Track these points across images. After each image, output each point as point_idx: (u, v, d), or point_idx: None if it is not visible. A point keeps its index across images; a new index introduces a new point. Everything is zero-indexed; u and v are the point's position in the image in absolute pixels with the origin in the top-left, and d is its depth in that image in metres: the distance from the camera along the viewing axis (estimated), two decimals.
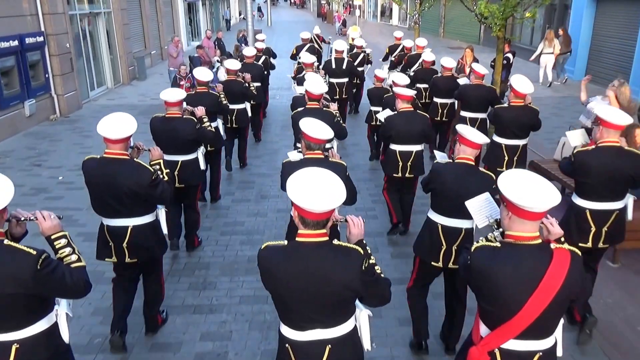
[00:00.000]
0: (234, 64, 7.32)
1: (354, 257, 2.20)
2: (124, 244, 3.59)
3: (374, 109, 7.39)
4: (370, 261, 2.30)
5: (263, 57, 9.80)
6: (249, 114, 7.37)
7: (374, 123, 7.41)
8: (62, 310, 2.45)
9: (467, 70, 9.46)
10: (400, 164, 5.21)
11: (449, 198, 3.35)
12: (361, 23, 26.57)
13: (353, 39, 11.76)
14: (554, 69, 13.92)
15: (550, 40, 13.32)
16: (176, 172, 4.91)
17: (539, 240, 2.19)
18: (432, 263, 3.49)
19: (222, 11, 39.72)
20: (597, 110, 3.57)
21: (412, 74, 8.58)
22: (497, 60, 8.31)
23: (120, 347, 3.73)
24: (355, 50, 10.74)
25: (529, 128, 5.39)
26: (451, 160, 3.52)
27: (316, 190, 2.15)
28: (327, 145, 3.70)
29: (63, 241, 2.46)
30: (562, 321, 2.31)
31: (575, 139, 4.13)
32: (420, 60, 8.87)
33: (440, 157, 3.76)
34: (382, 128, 5.34)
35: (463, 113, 6.67)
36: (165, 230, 3.85)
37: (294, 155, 3.61)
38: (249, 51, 8.72)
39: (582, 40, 14.69)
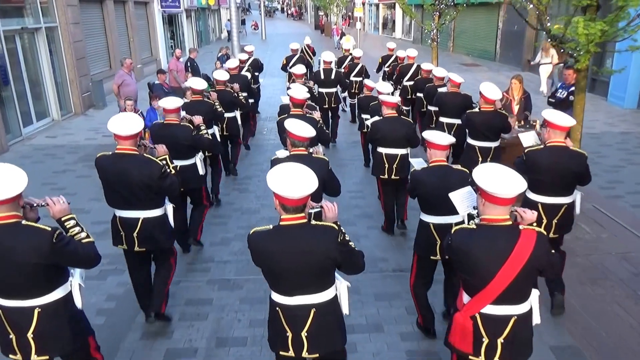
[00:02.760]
0: (222, 75, 7.44)
1: (330, 232, 2.59)
2: (135, 234, 3.82)
3: (364, 116, 7.57)
4: (346, 237, 2.68)
5: (246, 67, 9.86)
6: (239, 122, 7.62)
7: (364, 130, 7.45)
8: (75, 280, 2.80)
9: (516, 108, 6.81)
10: (387, 166, 5.46)
11: (434, 199, 3.64)
12: (362, 36, 24.29)
13: (347, 50, 11.75)
14: (550, 79, 13.49)
15: (547, 50, 13.16)
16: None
17: (509, 222, 2.55)
18: (431, 257, 3.82)
19: (213, 23, 37.27)
20: (544, 113, 4.00)
21: (407, 83, 9.16)
22: (576, 102, 5.59)
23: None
24: (353, 60, 10.75)
25: (499, 131, 5.72)
26: (426, 166, 3.78)
27: (291, 180, 2.51)
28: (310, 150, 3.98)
29: (72, 222, 2.81)
30: (537, 292, 2.65)
31: (528, 140, 4.37)
32: (414, 70, 9.20)
33: (417, 163, 4.01)
34: (369, 132, 5.65)
35: (441, 119, 7.01)
36: (172, 224, 4.04)
37: (281, 153, 3.88)
38: (231, 63, 8.80)
39: (635, 60, 12.03)
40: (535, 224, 2.59)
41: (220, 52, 14.70)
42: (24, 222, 2.59)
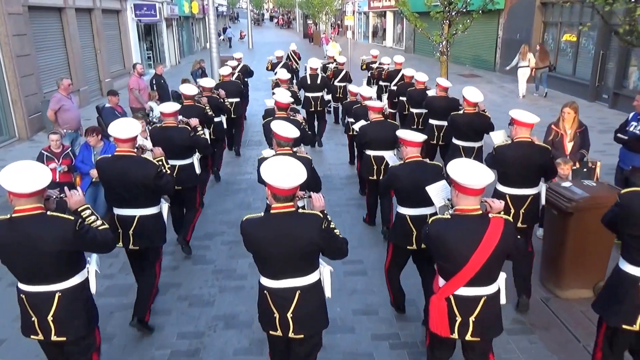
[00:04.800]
0: (208, 82, 7.85)
1: (314, 219, 2.80)
2: (131, 231, 4.01)
3: (350, 120, 7.69)
4: (331, 225, 2.91)
5: (236, 74, 10.32)
6: (225, 126, 7.92)
7: (350, 133, 7.76)
8: (92, 267, 3.05)
9: (569, 145, 5.16)
10: (375, 167, 5.68)
11: (410, 192, 3.90)
12: (352, 45, 22.87)
13: (332, 57, 12.00)
14: (529, 82, 13.85)
15: (524, 54, 13.39)
16: (174, 175, 4.99)
17: (480, 212, 2.81)
18: (407, 247, 4.01)
19: (197, 32, 35.64)
20: (511, 112, 4.24)
21: (394, 87, 9.52)
22: None
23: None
24: (337, 67, 11.15)
25: (482, 131, 6.02)
26: (402, 162, 4.08)
27: (282, 172, 2.74)
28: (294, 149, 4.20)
29: (88, 212, 3.06)
30: (504, 275, 2.91)
31: (497, 138, 4.54)
32: (400, 75, 9.46)
33: (391, 160, 4.60)
34: (358, 136, 5.91)
35: (430, 121, 7.20)
36: (166, 221, 4.26)
37: (267, 153, 4.18)
38: (224, 70, 9.24)
39: None
40: (502, 213, 2.89)
41: (194, 67, 13.09)
42: (49, 212, 2.80)
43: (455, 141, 6.12)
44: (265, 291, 2.86)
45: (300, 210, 2.81)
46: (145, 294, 4.12)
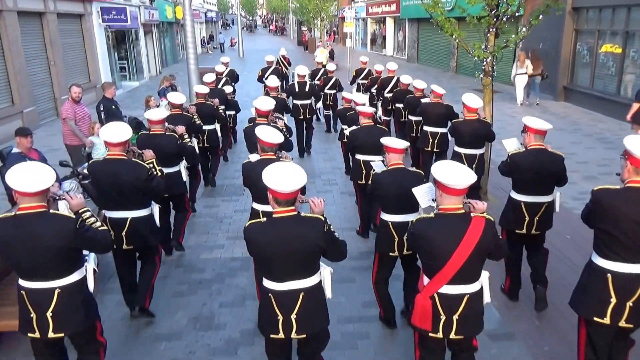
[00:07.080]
0: (202, 88, 7.75)
1: (317, 223, 2.89)
2: (123, 233, 4.11)
3: (344, 127, 7.65)
4: (331, 228, 2.96)
5: (224, 79, 10.52)
6: (219, 134, 7.83)
7: (344, 140, 7.50)
8: (90, 265, 3.17)
9: None
10: (364, 172, 5.75)
11: (392, 199, 3.99)
12: (350, 53, 20.72)
13: (320, 63, 11.80)
14: (526, 88, 13.77)
15: (522, 61, 13.26)
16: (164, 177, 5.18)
17: (462, 211, 2.90)
18: (390, 254, 4.08)
19: (182, 39, 33.24)
20: (524, 119, 4.30)
21: (388, 95, 9.62)
22: None
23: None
24: (327, 74, 11.04)
25: (483, 138, 6.06)
26: (385, 168, 4.17)
27: (283, 177, 2.83)
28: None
29: (88, 214, 3.18)
30: (486, 273, 2.98)
31: (510, 145, 4.57)
32: (394, 82, 9.52)
33: (378, 167, 4.34)
34: (348, 140, 6.05)
35: (425, 128, 7.19)
36: (158, 223, 4.38)
37: (253, 157, 4.19)
38: (208, 77, 8.95)
39: None
40: (484, 213, 2.93)
41: (161, 85, 10.62)
42: (51, 211, 2.91)
43: (456, 148, 6.11)
44: (269, 294, 2.91)
45: (302, 214, 2.88)
46: (146, 283, 4.31)
